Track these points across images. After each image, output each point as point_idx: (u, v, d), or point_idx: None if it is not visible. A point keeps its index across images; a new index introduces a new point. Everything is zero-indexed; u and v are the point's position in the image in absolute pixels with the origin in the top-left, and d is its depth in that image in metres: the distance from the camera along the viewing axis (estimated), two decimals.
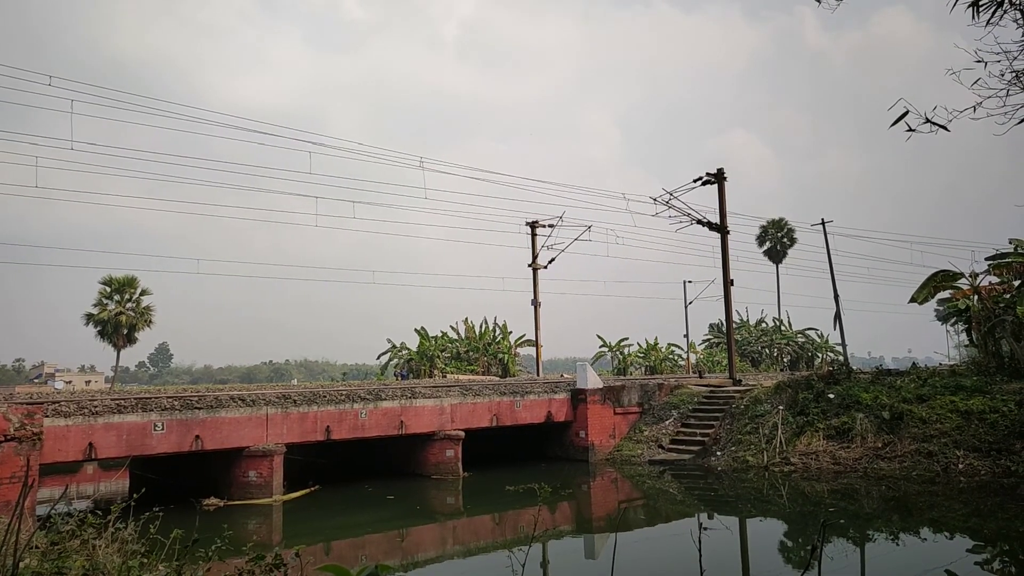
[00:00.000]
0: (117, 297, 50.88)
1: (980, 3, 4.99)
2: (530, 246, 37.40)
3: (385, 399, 19.99)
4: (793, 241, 68.15)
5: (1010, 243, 26.27)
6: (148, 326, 52.15)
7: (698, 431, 23.41)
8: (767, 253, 69.79)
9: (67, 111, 20.30)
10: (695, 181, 29.83)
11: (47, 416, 14.76)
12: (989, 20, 5.02)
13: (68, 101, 20.33)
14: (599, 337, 58.78)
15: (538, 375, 36.72)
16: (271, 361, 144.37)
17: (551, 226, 35.91)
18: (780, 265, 69.20)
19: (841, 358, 36.91)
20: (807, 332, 68.75)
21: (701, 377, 33.07)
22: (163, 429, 16.35)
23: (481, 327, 51.07)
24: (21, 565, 4.91)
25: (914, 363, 28.51)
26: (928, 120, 4.91)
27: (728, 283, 29.87)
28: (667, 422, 24.56)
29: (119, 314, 50.32)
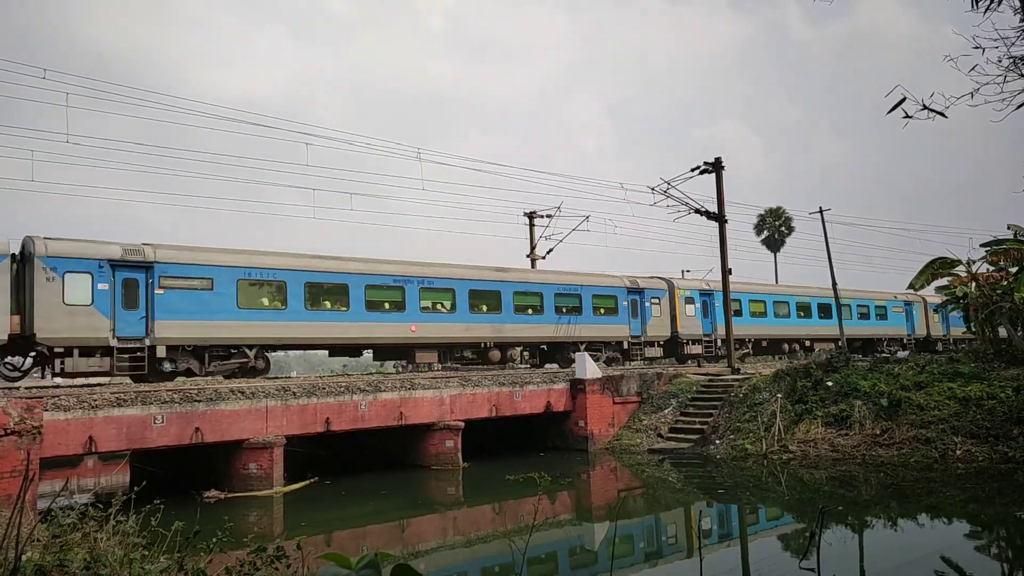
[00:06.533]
0: None
1: None
2: (528, 236, 37.37)
3: (384, 390, 20.01)
4: (791, 230, 68.05)
5: (1008, 229, 26.28)
6: None
7: (697, 420, 23.47)
8: (765, 242, 69.69)
9: (63, 104, 20.21)
10: (693, 170, 29.75)
11: (47, 410, 14.76)
12: (988, 7, 5.00)
13: (63, 95, 20.23)
14: None
15: None
16: None
17: (549, 216, 35.88)
18: (778, 253, 69.18)
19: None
20: None
21: (700, 366, 33.13)
22: (163, 422, 16.36)
23: None
24: (23, 558, 4.92)
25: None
26: (925, 107, 4.90)
27: (726, 272, 29.90)
28: (666, 411, 24.62)
29: None
